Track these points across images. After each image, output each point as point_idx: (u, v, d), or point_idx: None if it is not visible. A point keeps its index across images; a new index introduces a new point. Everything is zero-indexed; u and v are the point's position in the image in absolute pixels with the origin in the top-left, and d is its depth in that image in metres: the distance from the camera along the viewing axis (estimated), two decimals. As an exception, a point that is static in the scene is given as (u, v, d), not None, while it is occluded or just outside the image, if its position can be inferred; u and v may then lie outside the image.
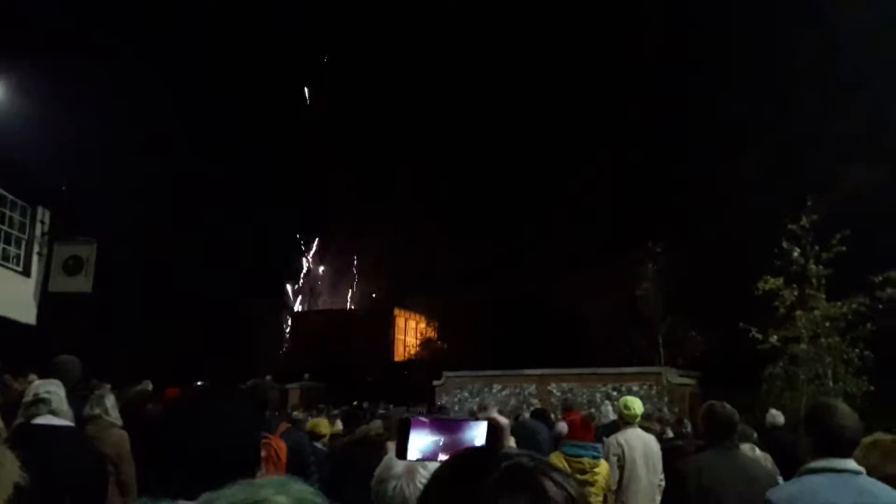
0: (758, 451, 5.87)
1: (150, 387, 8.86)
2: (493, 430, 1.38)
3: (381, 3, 60.05)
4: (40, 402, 3.90)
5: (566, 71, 44.55)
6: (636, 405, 6.31)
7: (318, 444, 6.48)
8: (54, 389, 4.03)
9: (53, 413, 3.93)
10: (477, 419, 1.40)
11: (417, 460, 1.32)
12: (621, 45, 42.33)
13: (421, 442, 1.31)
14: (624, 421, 6.35)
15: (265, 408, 4.47)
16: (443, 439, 1.32)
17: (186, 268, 39.41)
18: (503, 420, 1.51)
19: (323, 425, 7.19)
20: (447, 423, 1.36)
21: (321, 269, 59.80)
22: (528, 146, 44.80)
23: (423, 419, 1.32)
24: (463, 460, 0.95)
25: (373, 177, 56.46)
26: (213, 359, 32.02)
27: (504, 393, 22.86)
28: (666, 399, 20.13)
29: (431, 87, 53.59)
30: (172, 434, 1.68)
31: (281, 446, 4.16)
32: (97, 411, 5.23)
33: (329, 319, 48.95)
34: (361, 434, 5.58)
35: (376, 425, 5.54)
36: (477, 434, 1.37)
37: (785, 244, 15.64)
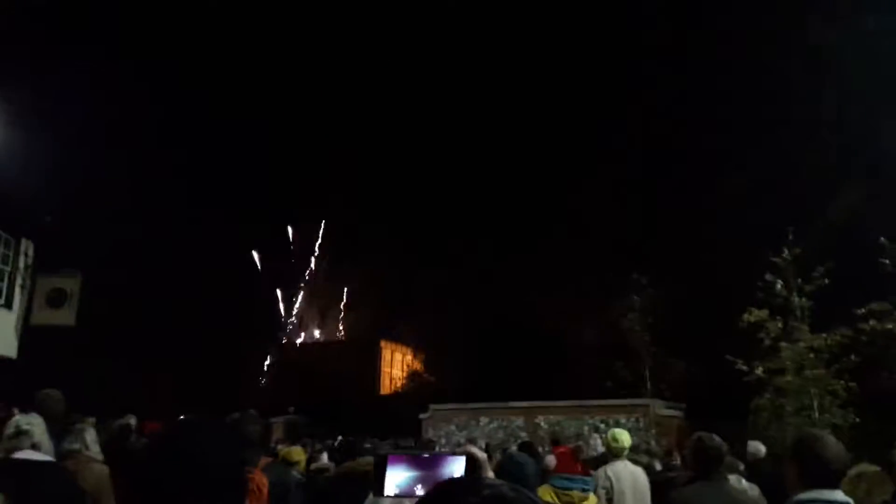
0: (744, 482, 5.86)
1: (133, 421, 8.71)
2: (472, 464, 1.38)
3: (380, 39, 60.85)
4: (22, 435, 3.84)
5: (555, 108, 45.17)
6: (624, 437, 6.30)
7: (293, 472, 6.37)
8: (35, 423, 3.97)
9: (35, 447, 3.87)
10: (455, 454, 1.39)
11: (395, 496, 1.30)
12: (609, 81, 43.05)
13: (398, 478, 1.30)
14: (612, 454, 6.32)
15: (248, 442, 4.42)
16: (420, 475, 1.31)
17: (170, 301, 39.08)
18: (481, 454, 1.51)
19: (296, 453, 7.07)
20: (424, 459, 1.35)
21: (307, 302, 59.38)
22: (512, 181, 45.19)
23: (401, 455, 1.32)
24: (445, 489, 0.95)
25: (362, 210, 56.55)
26: (196, 391, 31.58)
27: (491, 426, 22.67)
28: (654, 431, 20.04)
29: (420, 120, 54.09)
30: (155, 469, 1.65)
31: (263, 481, 4.10)
32: (76, 446, 5.13)
33: (315, 352, 48.57)
34: (347, 468, 5.51)
35: (366, 460, 5.47)
36: (455, 468, 1.37)
37: (768, 277, 15.78)
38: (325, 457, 8.94)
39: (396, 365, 47.42)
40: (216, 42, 53.85)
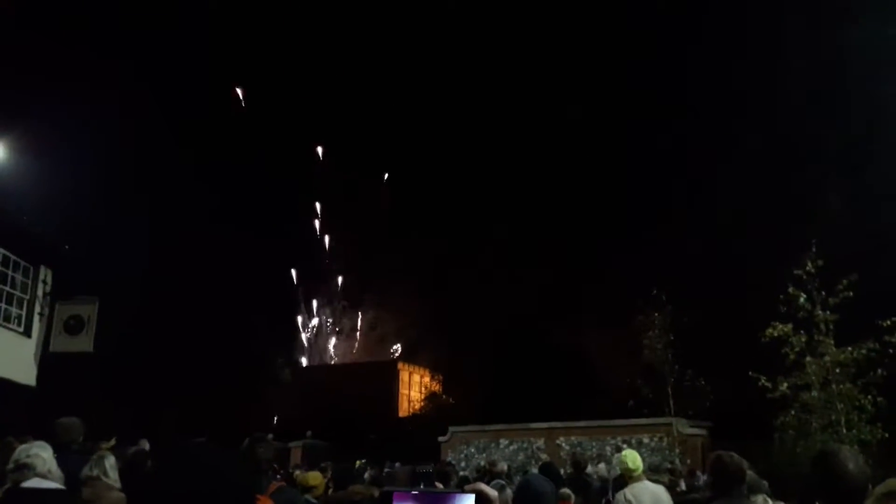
0: (770, 502, 5.67)
1: (148, 446, 8.66)
2: (481, 502, 1.31)
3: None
4: (24, 468, 3.82)
5: (572, 125, 45.14)
6: (632, 459, 6.18)
7: (309, 497, 6.26)
8: (39, 452, 3.94)
9: (41, 476, 3.84)
10: (463, 491, 1.32)
11: None
12: (623, 98, 43.10)
13: None
14: (628, 476, 6.19)
15: (258, 467, 4.33)
16: None
17: (189, 325, 39.23)
18: (491, 492, 1.43)
19: (312, 478, 6.94)
20: (431, 497, 1.28)
21: (327, 324, 59.47)
22: (533, 200, 45.19)
23: (407, 492, 1.24)
24: None
25: (379, 231, 56.58)
26: (213, 416, 31.58)
27: (511, 448, 22.42)
28: (677, 450, 19.72)
29: (443, 138, 54.08)
30: (161, 495, 1.61)
31: (269, 507, 4.01)
32: (95, 472, 5.11)
33: (333, 374, 48.52)
34: (336, 498, 5.40)
35: (357, 489, 5.37)
36: None
37: (791, 290, 15.52)
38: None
39: (415, 387, 47.22)
40: (235, 59, 54.45)
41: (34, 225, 16.01)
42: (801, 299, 15.39)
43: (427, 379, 44.07)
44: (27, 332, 15.79)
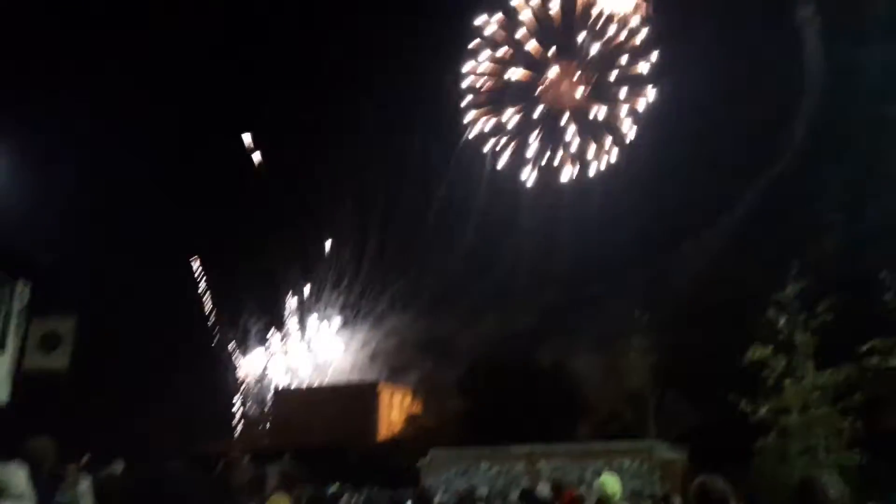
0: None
1: (121, 468, 8.49)
2: None
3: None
4: None
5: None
6: (611, 485, 6.12)
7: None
8: (13, 474, 3.84)
9: (15, 498, 3.73)
10: None
11: None
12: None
13: None
14: (606, 502, 6.12)
15: (232, 492, 4.25)
16: None
17: (166, 344, 38.77)
18: None
19: (281, 502, 6.81)
20: None
21: (304, 342, 58.85)
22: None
23: None
24: None
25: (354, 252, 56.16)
26: (190, 438, 31.12)
27: (492, 472, 22.24)
28: (658, 475, 19.67)
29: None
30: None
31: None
32: (67, 499, 5.02)
33: (312, 396, 47.95)
34: None
35: None
36: None
37: (771, 313, 15.63)
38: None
39: (395, 408, 46.81)
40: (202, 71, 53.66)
41: (13, 238, 15.76)
42: (781, 322, 15.51)
43: (408, 400, 43.75)
44: (1, 347, 15.47)
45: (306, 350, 56.53)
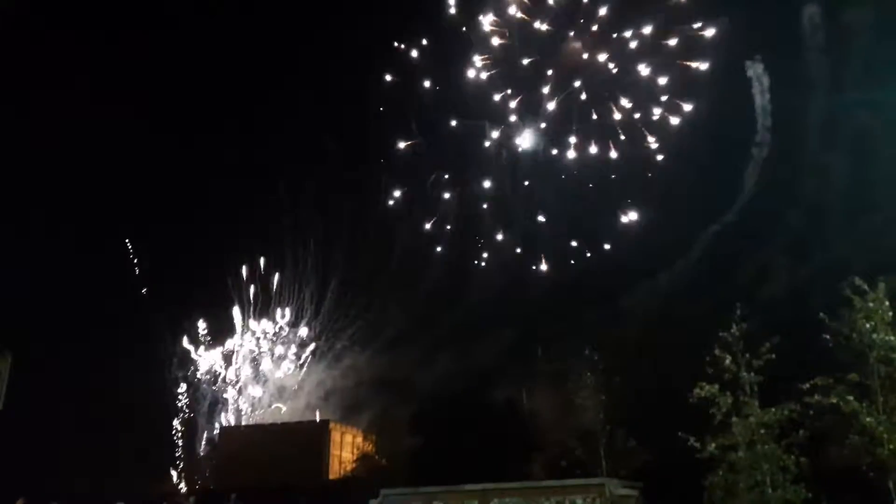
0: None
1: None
2: None
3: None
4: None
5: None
6: None
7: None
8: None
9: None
10: None
11: None
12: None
13: None
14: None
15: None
16: None
17: (106, 382, 37.47)
18: None
19: None
20: None
21: (251, 381, 57.40)
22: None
23: None
24: None
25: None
26: (130, 476, 29.96)
27: (445, 511, 21.93)
28: (610, 511, 19.70)
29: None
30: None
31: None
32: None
33: (259, 435, 46.69)
34: None
35: None
36: None
37: (717, 352, 16.02)
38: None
39: (346, 447, 45.89)
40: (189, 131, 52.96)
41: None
42: (727, 361, 15.90)
43: (360, 439, 42.99)
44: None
45: (258, 388, 55.21)
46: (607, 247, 37.25)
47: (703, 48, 35.99)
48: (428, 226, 45.33)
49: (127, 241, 48.64)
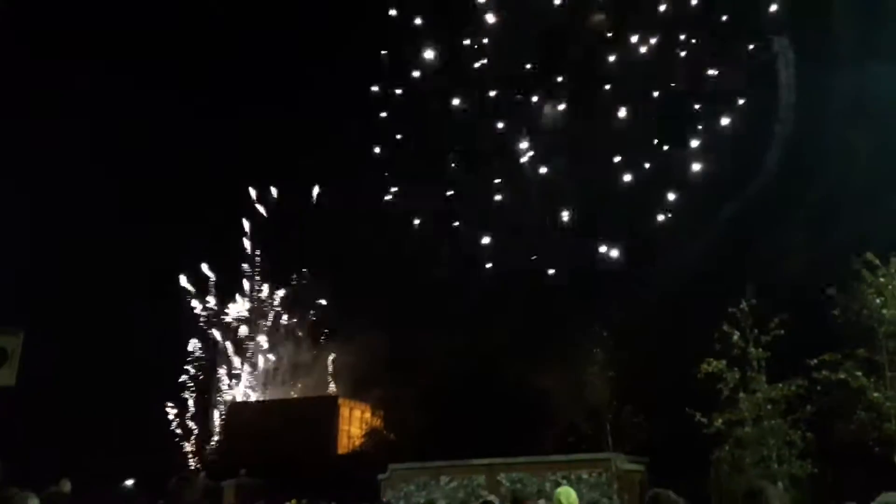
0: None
1: (69, 487, 8.21)
2: None
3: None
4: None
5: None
6: (566, 496, 6.18)
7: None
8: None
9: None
10: None
11: None
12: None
13: None
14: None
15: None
16: None
17: (116, 358, 37.75)
18: None
19: None
20: None
21: (261, 356, 57.84)
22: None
23: None
24: None
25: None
26: (142, 455, 30.33)
27: (452, 485, 22.15)
28: (616, 486, 19.85)
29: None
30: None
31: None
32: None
33: (268, 410, 47.14)
34: None
35: None
36: None
37: (726, 328, 15.97)
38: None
39: (355, 422, 46.29)
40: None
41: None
42: (735, 337, 15.86)
43: (368, 415, 43.32)
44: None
45: (269, 365, 55.69)
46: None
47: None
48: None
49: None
